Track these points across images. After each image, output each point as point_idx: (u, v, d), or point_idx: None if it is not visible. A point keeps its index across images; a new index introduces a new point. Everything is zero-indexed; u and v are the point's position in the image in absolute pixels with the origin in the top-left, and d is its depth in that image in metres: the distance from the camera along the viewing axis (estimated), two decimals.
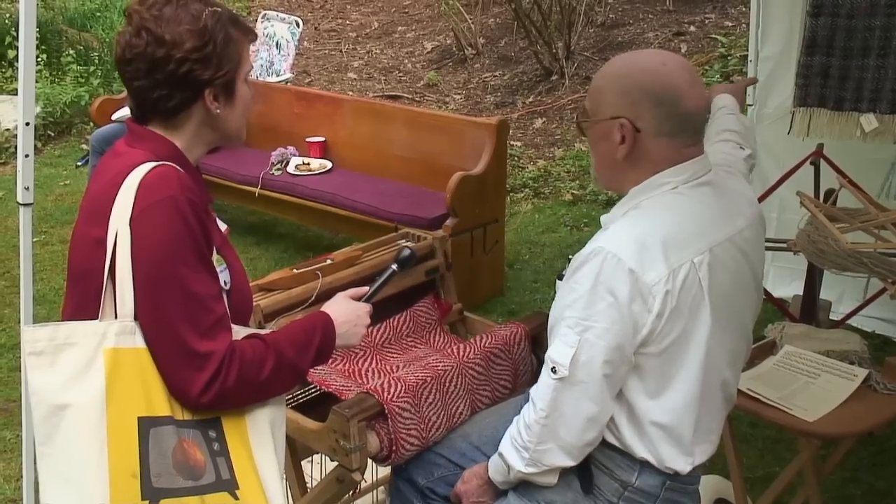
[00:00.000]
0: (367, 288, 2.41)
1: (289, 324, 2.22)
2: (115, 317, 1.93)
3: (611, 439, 2.26)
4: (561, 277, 2.39)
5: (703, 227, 2.23)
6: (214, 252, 2.03)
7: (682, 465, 2.27)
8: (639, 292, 2.11)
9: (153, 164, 1.97)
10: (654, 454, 2.24)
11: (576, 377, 2.14)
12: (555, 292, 2.13)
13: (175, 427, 1.93)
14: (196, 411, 1.96)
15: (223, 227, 2.22)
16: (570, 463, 2.23)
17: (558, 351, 2.15)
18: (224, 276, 2.06)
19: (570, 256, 2.38)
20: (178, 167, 2.00)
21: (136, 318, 1.93)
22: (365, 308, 2.32)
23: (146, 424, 1.90)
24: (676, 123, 2.21)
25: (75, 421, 1.88)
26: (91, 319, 1.95)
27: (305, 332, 2.14)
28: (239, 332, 2.06)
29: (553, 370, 2.16)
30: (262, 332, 2.15)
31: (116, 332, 1.92)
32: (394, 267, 2.51)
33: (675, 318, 2.15)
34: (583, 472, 2.29)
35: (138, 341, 1.93)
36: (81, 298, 2.01)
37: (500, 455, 2.31)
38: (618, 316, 2.11)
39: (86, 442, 1.87)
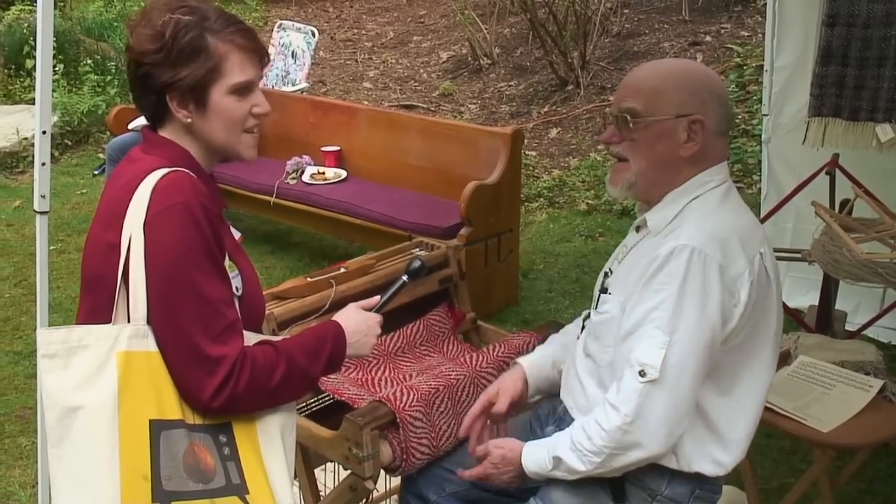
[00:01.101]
0: (377, 298, 2.41)
1: (300, 332, 2.24)
2: (128, 320, 1.95)
3: None
4: (605, 290, 2.39)
5: (754, 219, 2.33)
6: (227, 258, 2.05)
7: (724, 465, 2.29)
8: (727, 286, 2.15)
9: (167, 169, 2.00)
10: (698, 455, 2.25)
11: (667, 379, 2.14)
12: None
13: (186, 431, 1.95)
14: (207, 416, 1.98)
15: (237, 234, 2.24)
16: (637, 467, 2.24)
17: (647, 352, 2.15)
18: (236, 283, 2.07)
19: (610, 269, 2.40)
20: (190, 173, 2.02)
21: (148, 321, 1.95)
22: (375, 318, 2.33)
23: (157, 427, 1.92)
24: (727, 124, 2.33)
25: (87, 423, 1.90)
26: (105, 323, 1.97)
27: (317, 341, 2.15)
28: (250, 338, 2.07)
29: (641, 373, 2.15)
30: (274, 339, 2.16)
31: (129, 335, 1.94)
32: (404, 278, 2.51)
33: (753, 309, 2.19)
34: (614, 485, 2.29)
35: (151, 345, 1.95)
36: (95, 302, 2.03)
37: (555, 458, 2.28)
38: (708, 313, 2.14)
39: (98, 444, 1.89)
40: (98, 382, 1.91)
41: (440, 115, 9.06)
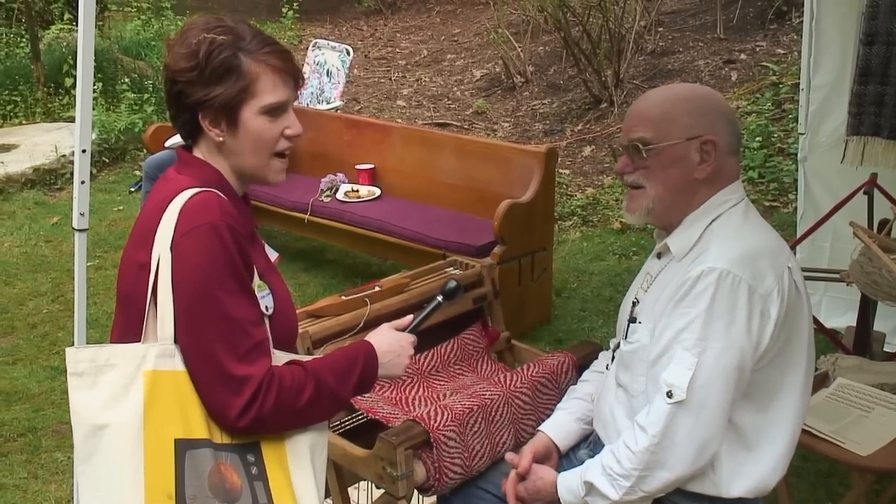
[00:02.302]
0: (411, 318, 2.41)
1: (331, 352, 2.24)
2: (157, 339, 1.97)
3: None
4: (634, 320, 2.39)
5: (776, 235, 2.33)
6: (257, 278, 2.05)
7: (763, 486, 2.28)
8: (757, 306, 2.15)
9: (196, 189, 2.01)
10: (738, 478, 2.24)
11: (693, 401, 2.15)
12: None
13: (212, 450, 1.95)
14: (235, 435, 1.99)
15: (273, 254, 2.25)
16: (667, 491, 2.23)
17: (675, 373, 2.16)
18: (266, 302, 2.07)
19: (637, 299, 2.39)
20: (219, 193, 2.03)
21: (175, 340, 1.96)
22: (409, 339, 2.31)
23: (183, 446, 1.93)
24: (737, 142, 2.34)
25: (113, 441, 1.91)
26: (135, 341, 1.98)
27: (347, 361, 2.15)
28: (280, 357, 2.07)
29: (668, 394, 2.16)
30: (305, 358, 2.16)
31: (156, 354, 1.95)
32: (439, 299, 2.50)
33: (784, 325, 2.19)
34: None
35: (178, 364, 1.96)
36: (127, 321, 2.05)
37: (587, 483, 2.29)
38: (736, 335, 2.14)
39: (123, 462, 1.91)
40: (125, 401, 1.93)
41: (473, 133, 9.07)
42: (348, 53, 8.21)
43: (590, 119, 8.91)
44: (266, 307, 2.06)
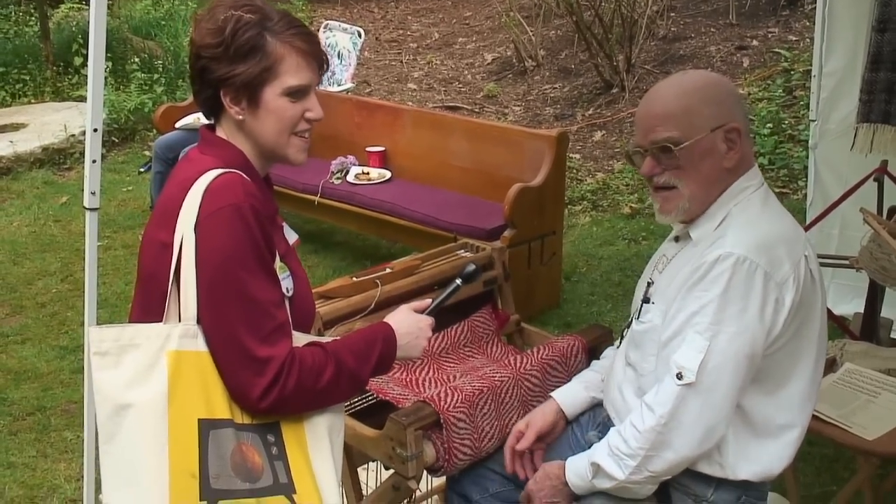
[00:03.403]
0: (429, 300, 2.41)
1: (350, 333, 2.25)
2: (179, 319, 1.98)
3: None
4: (647, 300, 2.39)
5: (794, 222, 2.32)
6: (278, 259, 2.06)
7: (770, 471, 2.29)
8: (772, 293, 2.15)
9: (220, 171, 2.02)
10: (744, 462, 2.26)
11: (703, 384, 2.15)
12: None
13: (234, 430, 1.97)
14: (256, 415, 2.00)
15: (293, 237, 2.26)
16: (673, 473, 2.24)
17: (686, 356, 2.16)
18: (287, 284, 2.09)
19: (651, 279, 2.39)
20: (243, 175, 2.04)
21: (198, 321, 1.97)
22: (427, 321, 2.31)
23: (206, 426, 1.94)
24: (748, 124, 2.33)
25: (137, 420, 1.93)
26: (156, 321, 1.99)
27: (366, 342, 2.16)
28: (300, 338, 2.09)
29: (678, 376, 2.16)
30: (323, 339, 2.17)
31: (180, 334, 1.96)
32: (458, 282, 2.48)
33: (797, 313, 2.19)
34: (660, 491, 2.30)
35: (200, 345, 1.97)
36: (148, 299, 2.06)
37: (594, 464, 2.30)
38: (749, 320, 2.15)
39: (147, 441, 1.92)
40: (148, 381, 1.94)
41: (484, 116, 9.06)
42: (360, 35, 8.20)
43: (601, 104, 8.90)
44: (287, 289, 2.08)
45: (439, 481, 3.01)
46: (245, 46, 2.03)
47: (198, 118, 6.82)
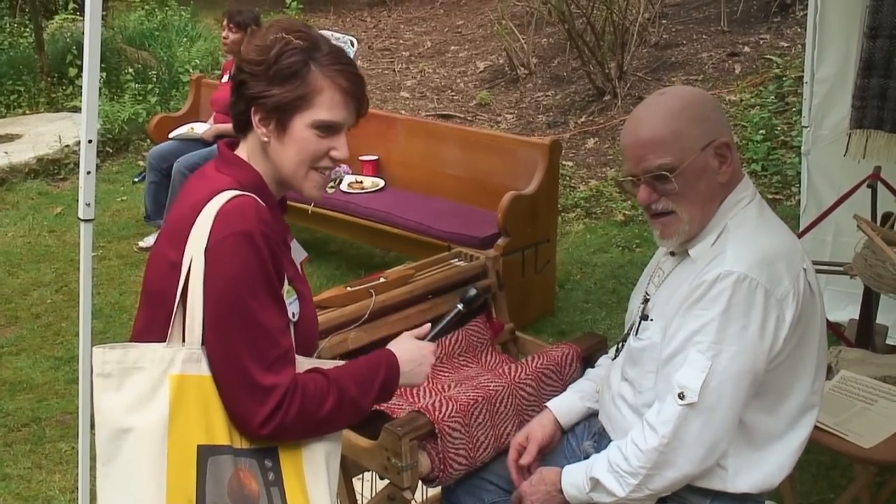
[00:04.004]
0: (429, 327, 2.39)
1: (353, 360, 2.22)
2: (183, 341, 1.96)
3: None
4: (646, 317, 2.38)
5: (791, 234, 2.32)
6: (286, 283, 2.05)
7: (769, 483, 2.28)
8: (773, 311, 2.14)
9: (234, 193, 2.00)
10: (743, 475, 2.25)
11: (705, 403, 2.15)
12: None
13: (232, 456, 1.96)
14: (254, 441, 1.99)
15: (302, 255, 2.24)
16: (674, 490, 2.24)
17: (688, 375, 2.16)
18: (293, 308, 2.07)
19: (647, 294, 2.38)
20: (257, 199, 2.01)
21: (203, 345, 1.96)
22: (429, 347, 2.30)
23: (205, 453, 1.94)
24: (731, 132, 2.31)
25: (137, 445, 1.93)
26: (158, 339, 1.98)
27: (369, 370, 2.15)
28: (302, 363, 2.08)
29: (680, 396, 2.16)
30: (328, 363, 2.16)
31: (183, 358, 1.95)
32: (459, 307, 2.46)
33: (797, 327, 2.19)
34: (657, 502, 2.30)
35: (203, 369, 1.96)
36: (152, 316, 2.05)
37: (592, 479, 2.29)
38: (751, 339, 2.14)
39: (145, 466, 1.92)
40: (150, 405, 1.94)
41: (477, 124, 9.07)
42: (352, 45, 8.20)
43: (593, 111, 8.90)
44: (293, 314, 2.07)
45: (434, 492, 3.00)
46: (286, 70, 2.01)
47: (192, 128, 6.84)
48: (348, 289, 2.99)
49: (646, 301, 2.42)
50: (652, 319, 2.35)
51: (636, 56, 9.38)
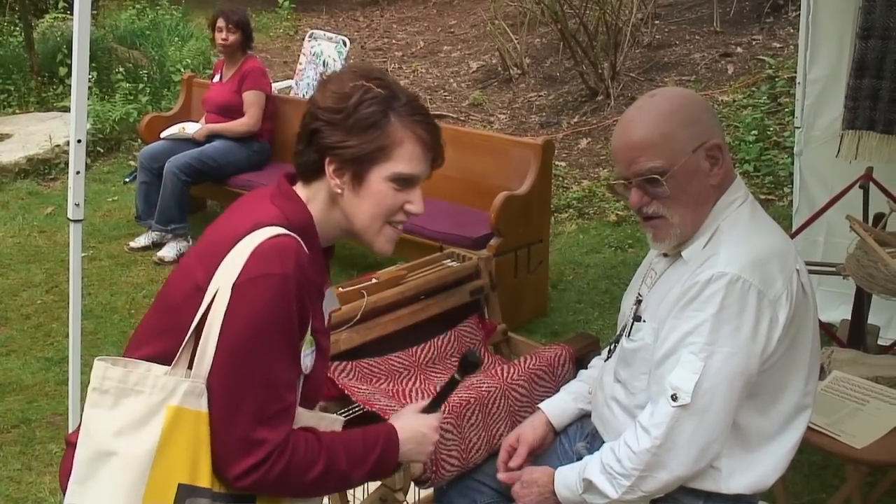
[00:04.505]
0: (427, 402, 2.27)
1: (352, 431, 2.12)
2: (189, 367, 1.89)
3: None
4: (639, 318, 2.37)
5: (784, 235, 2.31)
6: (308, 333, 1.98)
7: (762, 484, 2.28)
8: (766, 312, 2.14)
9: (278, 230, 1.92)
10: (737, 476, 2.25)
11: (698, 405, 2.14)
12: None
13: (210, 500, 1.90)
14: (231, 487, 1.93)
15: (334, 304, 2.18)
16: (667, 491, 2.23)
17: (681, 377, 2.15)
18: (308, 361, 2.00)
19: (640, 295, 2.37)
20: (300, 242, 1.93)
21: (208, 379, 1.89)
22: (433, 424, 2.18)
23: (184, 493, 1.87)
24: (723, 133, 2.27)
25: (117, 471, 1.87)
26: (160, 353, 1.93)
27: (365, 445, 2.06)
28: (302, 416, 2.01)
29: (673, 397, 2.15)
30: (328, 418, 2.10)
31: (186, 391, 1.88)
32: (457, 377, 2.26)
33: (790, 327, 2.19)
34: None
35: (203, 405, 1.88)
36: (162, 327, 1.99)
37: (585, 480, 2.28)
38: (743, 340, 2.13)
39: (120, 496, 1.86)
40: (140, 433, 1.87)
41: (470, 125, 9.07)
42: (345, 44, 8.20)
43: (586, 111, 8.91)
44: (306, 367, 1.99)
45: (427, 493, 2.99)
46: (366, 120, 1.94)
47: (183, 128, 6.82)
48: (340, 290, 2.98)
49: (638, 302, 2.41)
50: (644, 321, 2.34)
51: (629, 56, 9.38)
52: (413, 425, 2.15)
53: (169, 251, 6.38)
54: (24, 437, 4.33)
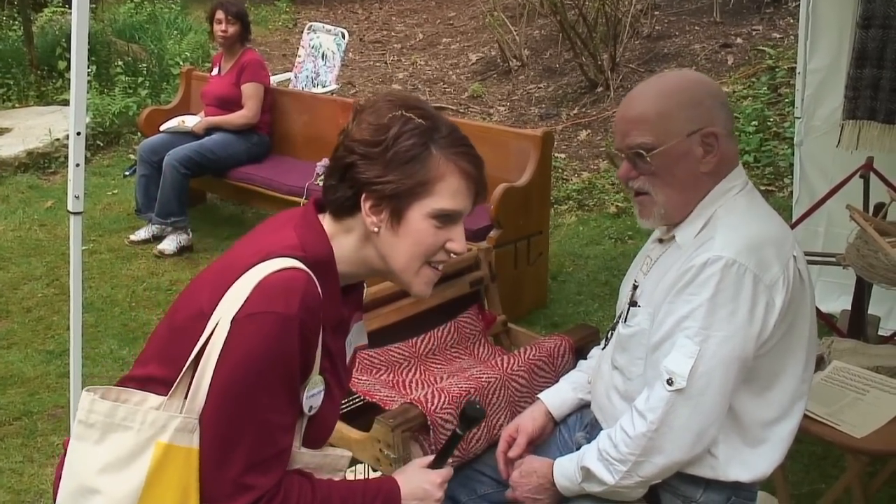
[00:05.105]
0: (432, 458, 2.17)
1: (351, 482, 2.02)
2: (185, 398, 1.79)
3: None
4: (634, 304, 2.38)
5: (782, 222, 2.30)
6: (315, 373, 1.85)
7: (760, 471, 2.28)
8: (762, 296, 2.13)
9: (289, 263, 1.79)
10: (734, 463, 2.25)
11: (693, 389, 2.14)
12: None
13: None
14: None
15: (362, 340, 2.09)
16: (664, 477, 2.24)
17: (676, 361, 2.15)
18: (313, 402, 1.88)
19: (636, 282, 2.37)
20: (312, 277, 1.80)
21: (201, 416, 1.78)
22: (436, 481, 2.06)
23: None
24: (732, 122, 2.30)
25: None
26: (161, 375, 1.84)
27: (363, 499, 1.94)
28: (304, 456, 1.93)
29: (669, 381, 2.15)
30: (337, 454, 2.02)
31: (177, 427, 1.77)
32: (458, 431, 2.18)
33: (786, 314, 2.18)
34: (649, 492, 2.29)
35: (195, 441, 1.77)
36: (162, 349, 1.90)
37: (583, 468, 2.29)
38: (739, 324, 2.13)
39: None
40: (126, 471, 1.78)
41: (469, 116, 9.06)
42: (343, 37, 8.19)
43: (586, 103, 8.90)
44: (310, 407, 1.87)
45: None
46: (407, 154, 1.80)
47: (182, 121, 6.81)
48: None
49: (634, 288, 2.41)
50: (640, 306, 2.34)
51: (628, 48, 9.37)
52: (416, 481, 2.04)
53: (169, 244, 6.38)
54: (26, 429, 4.33)
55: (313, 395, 1.86)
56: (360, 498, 1.93)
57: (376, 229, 1.84)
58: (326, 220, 1.91)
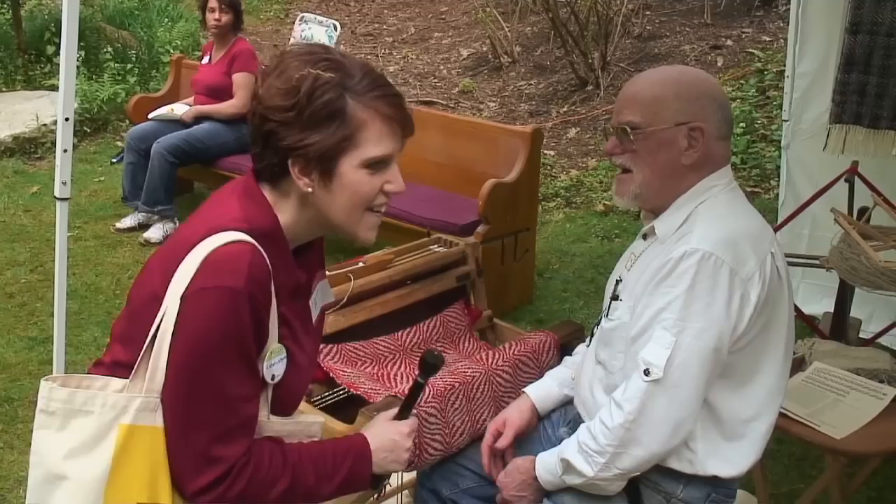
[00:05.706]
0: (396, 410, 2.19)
1: (321, 442, 2.02)
2: (145, 381, 1.79)
3: None
4: (616, 298, 2.40)
5: (762, 221, 2.33)
6: (273, 342, 1.85)
7: (739, 466, 2.30)
8: (738, 289, 2.16)
9: (234, 236, 1.78)
10: (712, 457, 2.26)
11: (670, 380, 2.16)
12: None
13: None
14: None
15: (328, 298, 2.09)
16: (642, 469, 2.25)
17: (653, 352, 2.17)
18: (275, 370, 1.87)
19: (620, 277, 2.39)
20: (257, 248, 1.79)
21: (162, 394, 1.79)
22: (405, 431, 2.08)
23: None
24: (729, 128, 2.35)
25: (70, 496, 1.79)
26: (125, 358, 1.85)
27: (334, 458, 1.96)
28: (274, 424, 1.93)
29: (646, 372, 2.17)
30: (308, 421, 2.02)
31: (138, 407, 1.78)
32: (420, 380, 2.19)
33: (763, 310, 2.20)
34: (630, 488, 2.31)
35: (158, 420, 1.78)
36: (125, 333, 1.90)
37: (563, 461, 2.30)
38: (715, 316, 2.15)
39: None
40: (91, 455, 1.78)
41: (459, 112, 9.06)
42: (336, 28, 8.17)
43: (575, 101, 8.91)
44: (273, 376, 1.86)
45: (410, 476, 3.01)
46: (323, 111, 1.77)
47: (171, 109, 6.80)
48: (327, 273, 2.98)
49: (617, 283, 2.44)
50: (622, 299, 2.37)
51: (619, 47, 9.39)
52: (384, 433, 2.06)
53: (155, 232, 6.37)
54: (7, 416, 4.31)
55: (274, 363, 1.86)
56: (332, 457, 1.95)
57: (310, 189, 1.83)
58: (266, 188, 1.89)
